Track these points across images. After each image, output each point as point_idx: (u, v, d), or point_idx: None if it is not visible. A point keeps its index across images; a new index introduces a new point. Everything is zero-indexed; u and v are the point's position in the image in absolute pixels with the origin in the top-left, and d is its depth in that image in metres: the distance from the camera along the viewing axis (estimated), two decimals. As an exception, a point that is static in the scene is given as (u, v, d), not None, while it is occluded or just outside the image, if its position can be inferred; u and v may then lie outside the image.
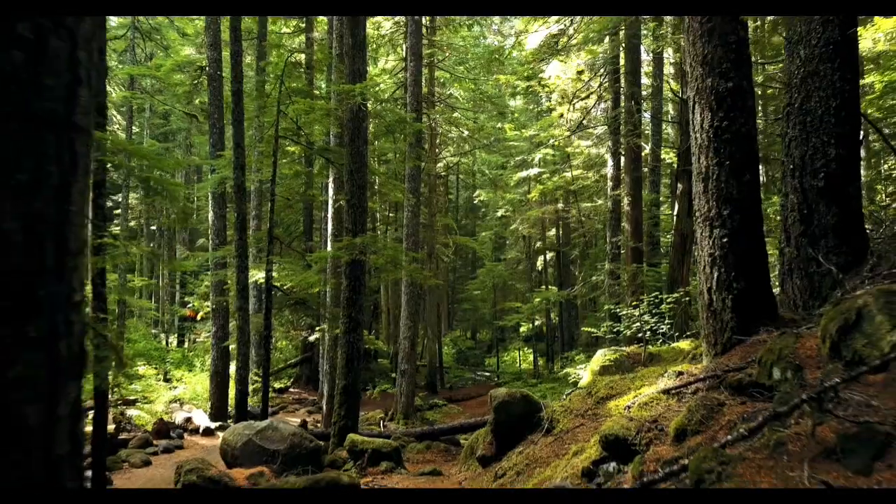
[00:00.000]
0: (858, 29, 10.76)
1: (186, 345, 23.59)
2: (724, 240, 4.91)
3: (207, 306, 16.88)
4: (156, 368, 17.94)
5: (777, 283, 7.17)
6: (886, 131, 11.32)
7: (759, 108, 15.78)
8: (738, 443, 3.01)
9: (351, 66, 9.00)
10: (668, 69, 18.14)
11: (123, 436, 11.38)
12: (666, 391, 4.62)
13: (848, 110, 5.93)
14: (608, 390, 5.80)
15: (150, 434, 11.65)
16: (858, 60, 6.69)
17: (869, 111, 13.38)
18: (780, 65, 10.25)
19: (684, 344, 8.97)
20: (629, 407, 4.73)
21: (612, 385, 5.93)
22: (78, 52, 2.15)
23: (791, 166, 6.28)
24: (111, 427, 11.51)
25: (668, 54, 17.37)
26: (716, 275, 4.92)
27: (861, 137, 7.43)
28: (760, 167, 17.86)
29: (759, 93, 14.26)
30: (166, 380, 16.29)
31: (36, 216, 2.08)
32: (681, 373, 4.93)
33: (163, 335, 23.77)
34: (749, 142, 5.07)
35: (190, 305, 19.18)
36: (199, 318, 18.46)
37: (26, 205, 2.05)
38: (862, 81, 12.24)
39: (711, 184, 4.98)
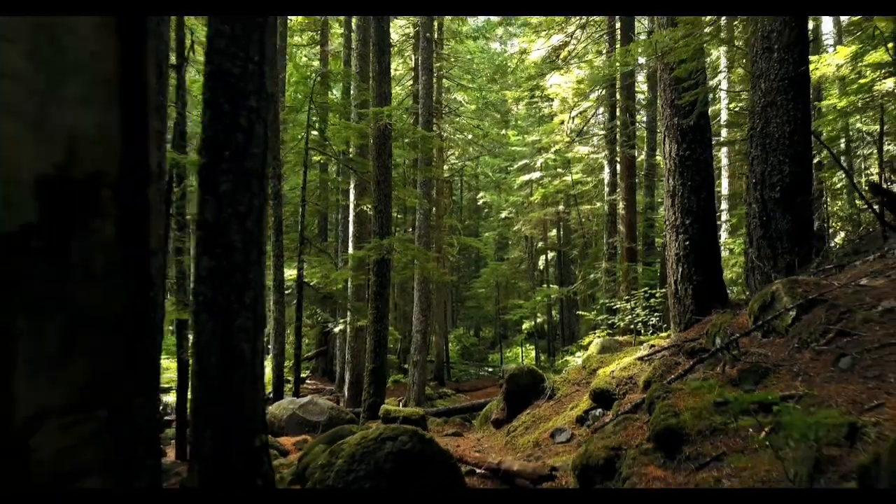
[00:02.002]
0: (823, 56, 12.38)
1: (201, 341, 25.08)
2: (687, 243, 6.48)
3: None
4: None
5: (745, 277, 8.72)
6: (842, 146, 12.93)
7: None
8: (678, 380, 4.59)
9: (378, 90, 10.58)
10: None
11: (167, 418, 12.93)
12: (640, 358, 6.21)
13: (800, 134, 7.50)
14: (599, 363, 7.38)
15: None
16: (809, 92, 8.26)
17: (849, 125, 15.09)
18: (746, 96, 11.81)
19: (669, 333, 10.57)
20: (613, 372, 6.31)
21: (603, 360, 7.51)
22: (268, 131, 3.84)
23: (753, 181, 7.86)
24: (158, 409, 13.07)
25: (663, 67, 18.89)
26: (680, 270, 6.50)
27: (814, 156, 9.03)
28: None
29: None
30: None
31: (248, 231, 3.81)
32: (653, 345, 6.52)
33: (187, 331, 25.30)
34: (706, 167, 6.64)
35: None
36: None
37: (246, 224, 3.77)
38: (827, 103, 13.81)
39: (677, 200, 6.56)
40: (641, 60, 22.04)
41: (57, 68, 1.72)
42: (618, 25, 14.86)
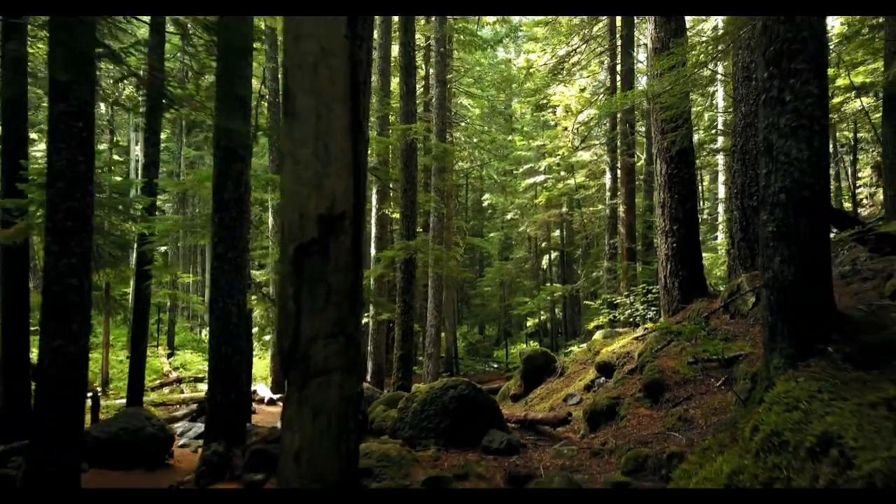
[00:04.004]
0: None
1: (218, 337, 26.68)
2: (674, 245, 8.09)
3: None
4: (200, 356, 21.09)
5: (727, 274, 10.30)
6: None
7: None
8: (663, 348, 6.20)
9: (405, 108, 12.18)
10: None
11: (208, 402, 14.50)
12: (636, 338, 7.83)
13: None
14: (602, 346, 8.99)
15: (228, 402, 14.78)
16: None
17: (836, 136, 16.70)
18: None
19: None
20: (614, 349, 7.92)
21: (605, 343, 9.12)
22: (366, 169, 5.44)
23: (735, 191, 9.44)
24: (198, 395, 14.72)
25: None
26: (669, 267, 8.11)
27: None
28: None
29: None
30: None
31: (355, 237, 5.42)
32: (646, 328, 8.13)
33: (197, 328, 26.88)
34: (690, 183, 8.24)
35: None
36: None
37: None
38: None
39: (666, 210, 8.16)
40: (642, 62, 23.69)
41: (325, 159, 3.37)
42: (618, 43, 16.47)
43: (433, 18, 19.08)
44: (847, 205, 17.12)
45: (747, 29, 5.75)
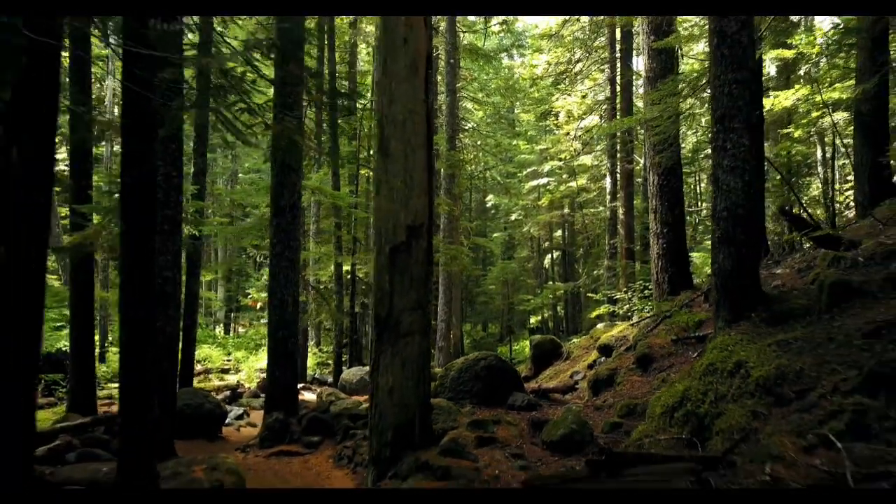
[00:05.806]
0: (784, 91, 15.46)
1: (231, 334, 28.17)
2: (664, 245, 9.60)
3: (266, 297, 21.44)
4: (219, 350, 22.57)
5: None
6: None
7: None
8: (652, 331, 7.73)
9: (424, 120, 13.69)
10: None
11: (239, 390, 16.00)
12: (632, 324, 9.35)
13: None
14: (602, 333, 10.50)
15: (256, 390, 16.29)
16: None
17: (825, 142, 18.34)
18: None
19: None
20: (613, 335, 9.44)
21: (605, 331, 10.64)
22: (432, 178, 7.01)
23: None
24: (233, 381, 16.21)
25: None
26: (659, 264, 9.63)
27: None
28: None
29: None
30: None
31: (429, 241, 7.04)
32: (640, 317, 9.66)
33: (212, 325, 28.37)
34: (678, 192, 9.75)
35: (250, 296, 23.80)
36: (258, 307, 23.05)
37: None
38: (786, 130, 16.96)
39: (658, 215, 9.67)
40: (640, 67, 25.29)
41: (411, 186, 4.98)
42: (618, 56, 18.00)
43: (441, 27, 20.61)
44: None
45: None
